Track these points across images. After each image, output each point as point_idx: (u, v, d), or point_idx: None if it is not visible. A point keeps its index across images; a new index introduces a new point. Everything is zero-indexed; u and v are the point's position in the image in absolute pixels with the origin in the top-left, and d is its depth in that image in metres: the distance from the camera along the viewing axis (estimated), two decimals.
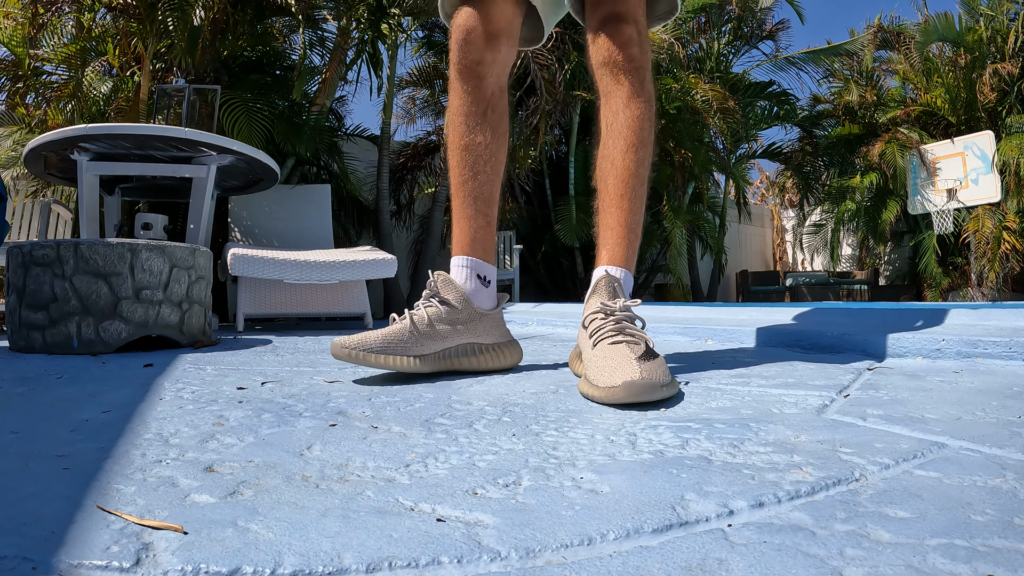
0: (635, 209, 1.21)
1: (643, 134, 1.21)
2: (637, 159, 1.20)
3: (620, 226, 1.20)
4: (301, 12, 4.52)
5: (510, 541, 0.43)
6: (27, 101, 4.83)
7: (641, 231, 1.24)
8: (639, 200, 1.22)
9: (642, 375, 0.87)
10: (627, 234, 1.20)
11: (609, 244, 1.20)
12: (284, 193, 4.25)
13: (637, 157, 1.20)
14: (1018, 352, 1.25)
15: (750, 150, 8.73)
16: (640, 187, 1.22)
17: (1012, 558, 0.39)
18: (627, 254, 1.20)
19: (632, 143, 1.20)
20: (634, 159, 1.20)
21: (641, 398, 0.86)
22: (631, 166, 1.20)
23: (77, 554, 0.41)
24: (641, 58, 1.20)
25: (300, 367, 1.37)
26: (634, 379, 0.86)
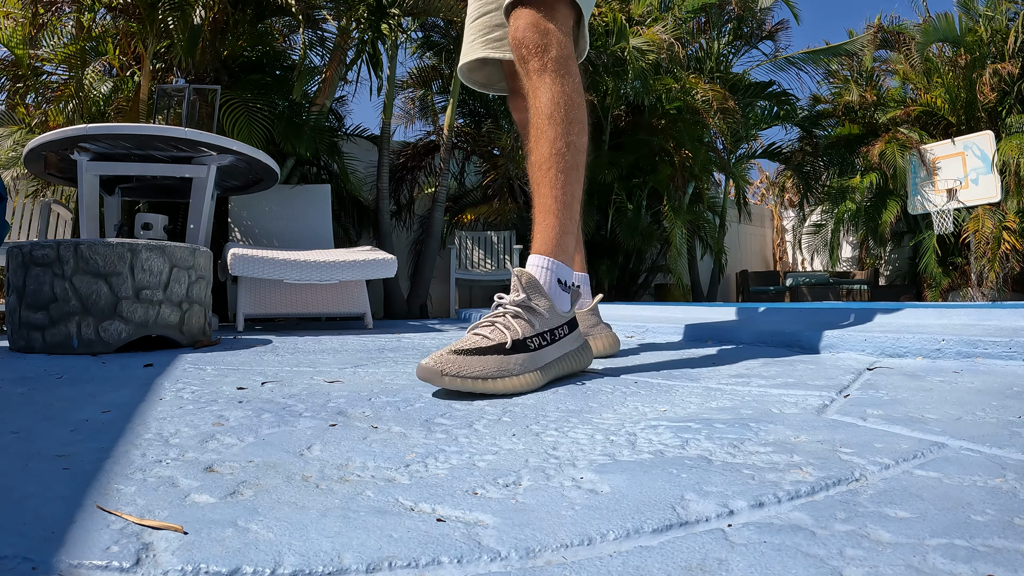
0: (551, 193, 1.19)
1: (556, 110, 1.19)
2: (547, 140, 1.19)
3: (539, 213, 1.20)
4: (301, 12, 4.52)
5: (510, 541, 0.43)
6: (27, 101, 4.83)
7: (568, 208, 1.20)
8: (555, 182, 1.19)
9: (430, 362, 0.96)
10: (545, 218, 1.19)
11: (534, 235, 1.21)
12: (284, 193, 4.26)
13: (546, 135, 1.19)
14: (1018, 352, 1.25)
15: (750, 150, 8.73)
16: (552, 168, 1.19)
17: (1012, 558, 0.39)
18: (546, 240, 1.18)
19: (540, 128, 1.20)
20: (544, 141, 1.19)
21: (424, 379, 0.96)
22: (542, 150, 1.20)
23: (77, 554, 0.41)
24: (537, 40, 1.19)
25: (300, 367, 1.37)
26: (422, 363, 0.97)
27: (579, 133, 1.21)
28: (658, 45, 5.82)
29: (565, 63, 1.20)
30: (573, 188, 1.20)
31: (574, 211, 1.21)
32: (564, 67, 1.20)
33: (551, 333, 1.10)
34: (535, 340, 1.07)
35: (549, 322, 1.11)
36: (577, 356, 1.16)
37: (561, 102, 1.19)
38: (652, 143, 6.53)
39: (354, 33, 4.93)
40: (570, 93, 1.20)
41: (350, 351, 1.78)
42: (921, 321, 1.64)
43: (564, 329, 1.13)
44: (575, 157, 1.20)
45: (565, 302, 1.18)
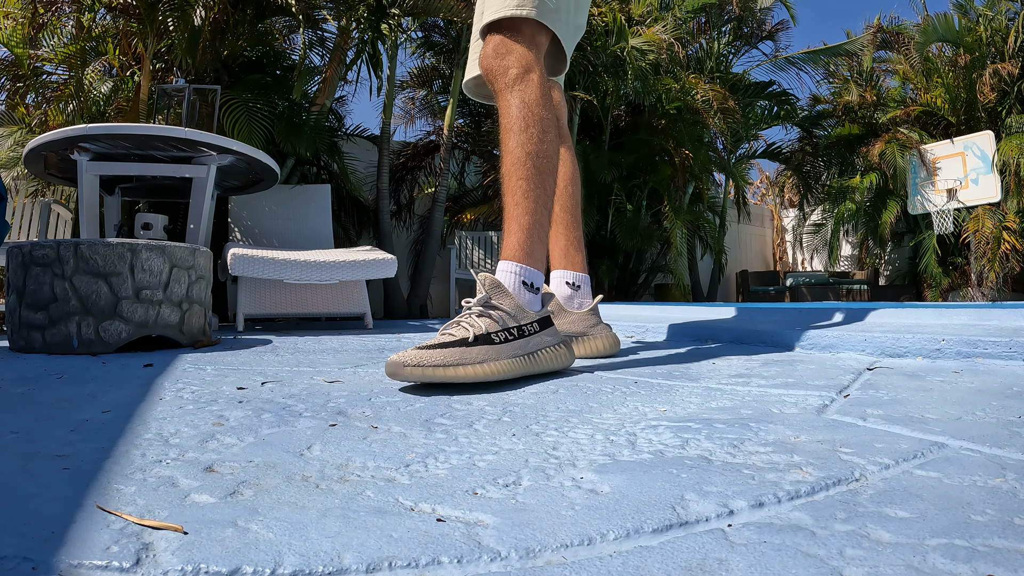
0: (513, 200, 1.23)
1: (513, 123, 1.24)
2: (508, 151, 1.25)
3: (506, 220, 1.24)
4: (301, 12, 4.52)
5: (510, 541, 0.43)
6: (27, 101, 4.83)
7: (532, 213, 1.23)
8: (516, 190, 1.23)
9: (395, 356, 1.02)
10: (510, 225, 1.23)
11: (503, 242, 1.25)
12: (284, 193, 4.26)
13: (507, 147, 1.25)
14: (1018, 352, 1.25)
15: (750, 150, 8.73)
16: (513, 177, 1.23)
17: (1012, 558, 0.39)
18: (510, 247, 1.22)
19: (504, 141, 1.26)
20: (506, 153, 1.25)
21: (390, 374, 1.02)
22: (505, 161, 1.25)
23: (77, 554, 0.41)
24: (496, 64, 1.27)
25: (300, 367, 1.37)
26: (388, 359, 1.04)
27: (539, 141, 1.24)
28: (658, 45, 5.82)
29: (523, 78, 1.26)
30: (537, 193, 1.23)
31: (539, 216, 1.23)
32: (523, 82, 1.25)
33: (518, 329, 1.14)
34: (500, 335, 1.11)
35: (515, 319, 1.14)
36: (553, 354, 1.18)
37: (519, 115, 1.24)
38: (652, 143, 6.53)
39: (354, 33, 4.93)
40: (529, 103, 1.25)
41: (350, 351, 1.78)
42: (921, 321, 1.64)
43: (534, 326, 1.16)
44: (536, 163, 1.24)
45: (534, 303, 1.21)
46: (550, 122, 1.27)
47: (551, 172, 1.27)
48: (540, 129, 1.25)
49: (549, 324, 1.20)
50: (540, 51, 1.31)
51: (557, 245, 1.63)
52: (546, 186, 1.25)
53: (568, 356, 1.22)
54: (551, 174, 1.27)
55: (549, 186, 1.26)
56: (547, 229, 1.27)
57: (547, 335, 1.19)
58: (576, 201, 1.65)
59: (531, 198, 1.22)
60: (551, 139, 1.27)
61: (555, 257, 1.64)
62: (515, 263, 1.20)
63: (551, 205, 1.27)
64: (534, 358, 1.15)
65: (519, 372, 1.12)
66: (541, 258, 1.24)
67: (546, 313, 1.21)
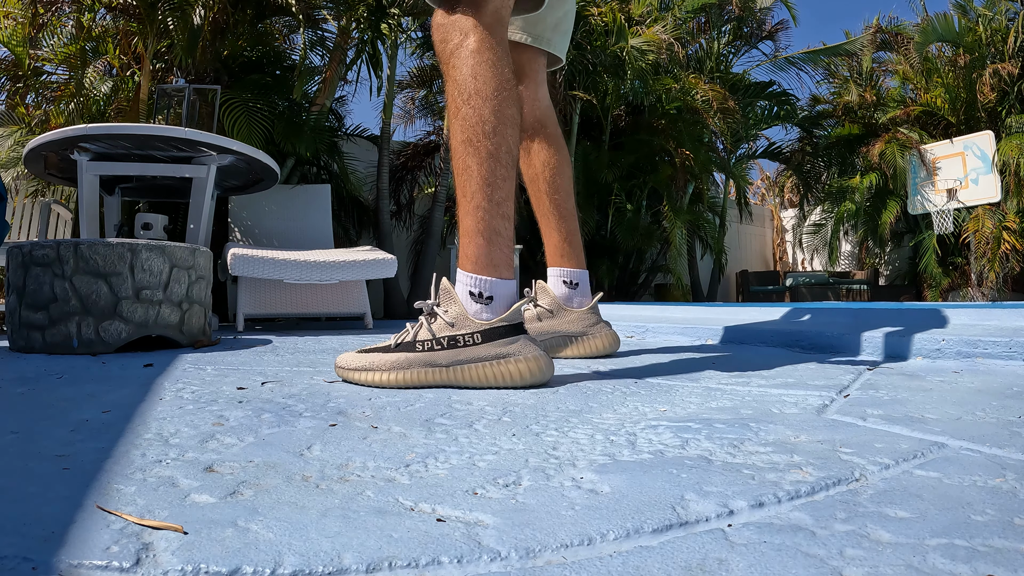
0: (459, 201, 1.11)
1: (449, 106, 1.13)
2: (452, 133, 1.13)
3: (460, 218, 1.13)
4: (301, 12, 4.52)
5: (510, 541, 0.43)
6: (27, 101, 4.83)
7: (477, 210, 1.09)
8: (458, 188, 1.11)
9: (339, 357, 1.15)
10: (459, 229, 1.13)
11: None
12: (284, 193, 4.25)
13: (452, 131, 1.13)
14: (1018, 352, 1.25)
15: (750, 150, 8.73)
16: (455, 169, 1.11)
17: (1012, 558, 0.39)
18: (461, 254, 1.12)
19: (450, 123, 1.14)
20: (453, 135, 1.13)
21: (336, 373, 1.14)
22: (453, 145, 1.13)
23: (77, 554, 0.41)
24: (441, 48, 1.14)
25: (300, 367, 1.37)
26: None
27: (476, 121, 1.09)
28: (658, 45, 5.82)
29: (457, 50, 1.11)
30: (476, 188, 1.09)
31: (485, 215, 1.10)
32: (457, 56, 1.11)
33: (450, 339, 1.08)
34: (427, 343, 1.08)
35: (453, 328, 1.08)
36: (487, 370, 1.06)
37: (454, 94, 1.12)
38: (652, 143, 6.53)
39: (354, 33, 4.93)
40: (462, 81, 1.10)
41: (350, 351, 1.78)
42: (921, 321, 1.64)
43: (474, 337, 1.07)
44: (475, 149, 1.09)
45: (482, 312, 1.10)
46: (494, 93, 1.09)
47: (498, 157, 1.09)
48: (476, 104, 1.09)
49: (498, 336, 1.07)
50: (482, 7, 1.12)
51: (550, 242, 1.57)
52: (494, 175, 1.09)
53: (510, 373, 1.06)
54: (499, 160, 1.09)
55: (499, 173, 1.10)
56: (501, 225, 1.11)
57: (490, 348, 1.07)
58: (566, 194, 1.55)
59: (469, 195, 1.10)
60: (497, 112, 1.09)
61: (549, 254, 1.58)
62: (463, 272, 1.11)
63: (503, 194, 1.11)
64: (456, 371, 1.07)
65: (429, 383, 1.07)
66: (495, 262, 1.11)
67: (498, 324, 1.08)
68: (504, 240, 1.12)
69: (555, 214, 1.57)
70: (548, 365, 1.08)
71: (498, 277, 1.11)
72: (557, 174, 1.58)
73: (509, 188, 1.12)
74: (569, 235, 1.57)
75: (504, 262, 1.12)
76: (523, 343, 1.08)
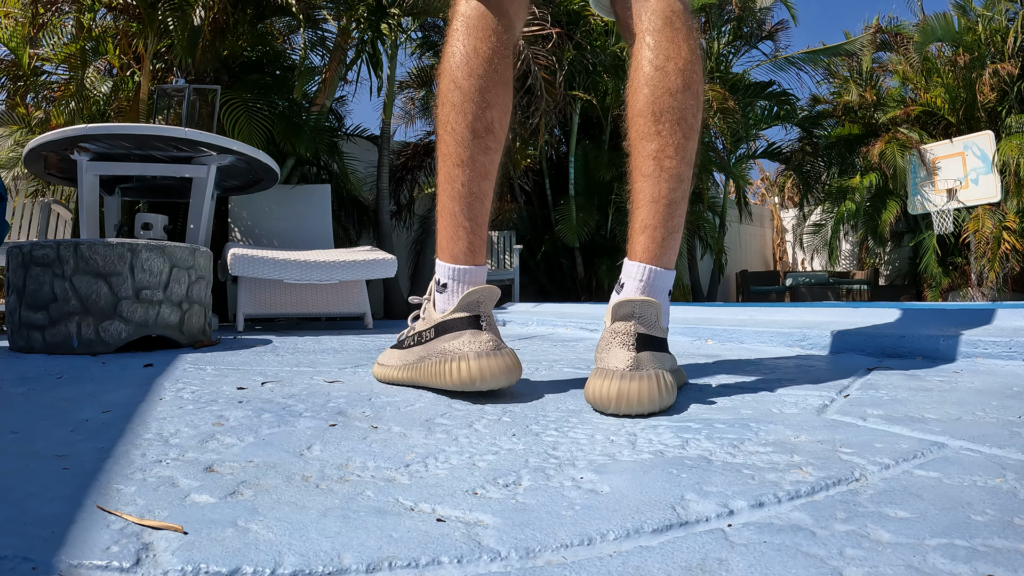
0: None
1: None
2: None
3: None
4: (301, 12, 4.52)
5: (510, 541, 0.43)
6: (27, 101, 4.83)
7: (440, 198, 1.04)
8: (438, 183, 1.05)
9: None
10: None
11: None
12: (284, 193, 4.25)
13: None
14: (1018, 352, 1.25)
15: (750, 150, 8.73)
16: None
17: (1012, 558, 0.39)
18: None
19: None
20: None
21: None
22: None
23: (77, 554, 0.41)
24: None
25: (300, 367, 1.37)
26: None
27: (441, 103, 1.01)
28: None
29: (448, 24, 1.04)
30: (442, 170, 1.02)
31: (446, 199, 1.02)
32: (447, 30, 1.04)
33: (418, 335, 1.03)
34: (408, 339, 1.06)
35: (423, 324, 1.04)
36: (436, 368, 0.95)
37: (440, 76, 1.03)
38: None
39: (354, 33, 4.93)
40: (443, 59, 1.02)
41: (350, 351, 1.78)
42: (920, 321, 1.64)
43: (429, 332, 1.00)
44: (444, 131, 1.01)
45: (439, 303, 1.03)
46: (463, 64, 0.98)
47: (443, 135, 1.01)
48: (446, 83, 1.00)
49: (452, 329, 0.96)
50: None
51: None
52: (441, 152, 1.02)
53: (449, 376, 0.92)
54: (457, 139, 1.00)
55: (441, 150, 1.02)
56: (453, 205, 1.02)
57: (437, 344, 0.97)
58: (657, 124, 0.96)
59: (438, 180, 1.04)
60: (458, 82, 0.99)
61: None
62: (438, 260, 1.05)
63: (451, 175, 1.01)
64: (418, 369, 1.00)
65: (403, 381, 1.04)
66: (446, 247, 1.03)
67: (449, 317, 0.97)
68: (456, 221, 1.02)
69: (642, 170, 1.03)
70: (496, 368, 0.91)
71: (451, 262, 1.02)
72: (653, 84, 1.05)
73: (454, 170, 1.01)
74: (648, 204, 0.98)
75: (460, 246, 1.02)
76: (467, 339, 0.93)
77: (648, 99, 0.95)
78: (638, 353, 0.84)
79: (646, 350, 0.85)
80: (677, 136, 0.94)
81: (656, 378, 0.81)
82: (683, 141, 0.95)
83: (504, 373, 0.92)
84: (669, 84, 0.94)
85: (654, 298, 0.92)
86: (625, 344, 0.85)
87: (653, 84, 0.94)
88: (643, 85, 0.95)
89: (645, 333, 0.86)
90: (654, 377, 0.81)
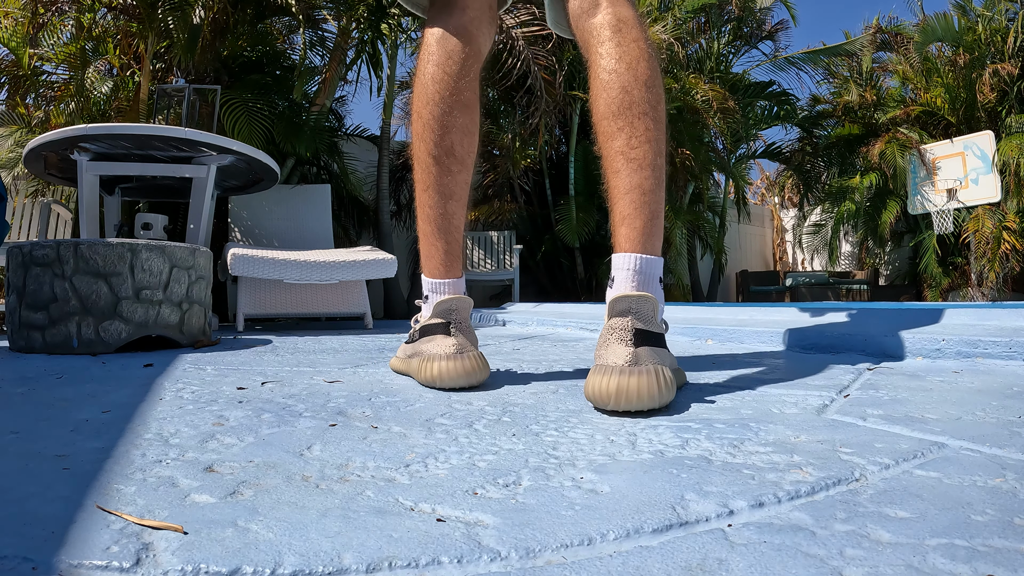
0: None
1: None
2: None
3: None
4: (301, 12, 4.52)
5: (510, 541, 0.43)
6: (27, 101, 4.84)
7: (418, 212, 1.17)
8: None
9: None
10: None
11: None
12: (284, 193, 4.25)
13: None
14: (1018, 352, 1.25)
15: (750, 150, 8.73)
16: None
17: (1012, 558, 0.39)
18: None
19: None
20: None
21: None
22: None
23: (77, 554, 0.41)
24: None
25: (300, 367, 1.37)
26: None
27: (414, 121, 1.12)
28: (658, 45, 5.82)
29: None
30: (418, 185, 1.14)
31: (422, 212, 1.15)
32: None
33: (412, 334, 1.19)
34: (409, 336, 1.20)
35: (416, 325, 1.18)
36: (419, 366, 1.07)
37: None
38: None
39: (354, 33, 4.93)
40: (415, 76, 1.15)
41: (350, 351, 1.78)
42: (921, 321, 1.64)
43: (415, 334, 1.16)
44: (415, 152, 1.13)
45: (424, 309, 1.18)
46: (422, 93, 1.11)
47: (420, 163, 1.12)
48: (413, 114, 1.13)
49: (428, 333, 1.09)
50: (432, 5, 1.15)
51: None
52: (420, 184, 1.13)
53: (424, 374, 1.04)
54: (421, 166, 1.11)
55: (417, 178, 1.13)
56: (426, 227, 1.15)
57: (418, 345, 1.11)
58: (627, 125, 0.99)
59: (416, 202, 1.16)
60: (419, 111, 1.11)
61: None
62: (422, 274, 1.21)
63: (423, 198, 1.14)
64: (408, 364, 1.15)
65: (404, 372, 1.19)
66: (426, 261, 1.16)
67: (426, 323, 1.10)
68: (429, 240, 1.15)
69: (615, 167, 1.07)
70: (455, 370, 1.00)
71: (429, 276, 1.16)
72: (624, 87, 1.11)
73: (423, 195, 1.14)
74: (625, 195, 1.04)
75: (434, 263, 1.15)
76: (437, 343, 1.05)
77: (606, 101, 1.00)
78: (636, 349, 0.83)
79: (644, 346, 0.85)
80: (639, 128, 0.98)
81: (656, 373, 0.80)
82: (646, 132, 0.98)
83: (464, 375, 1.00)
84: (623, 82, 0.99)
85: (646, 288, 0.94)
86: (623, 340, 0.85)
87: (608, 87, 1.00)
88: (600, 91, 1.01)
89: (643, 329, 0.86)
90: (653, 372, 0.80)
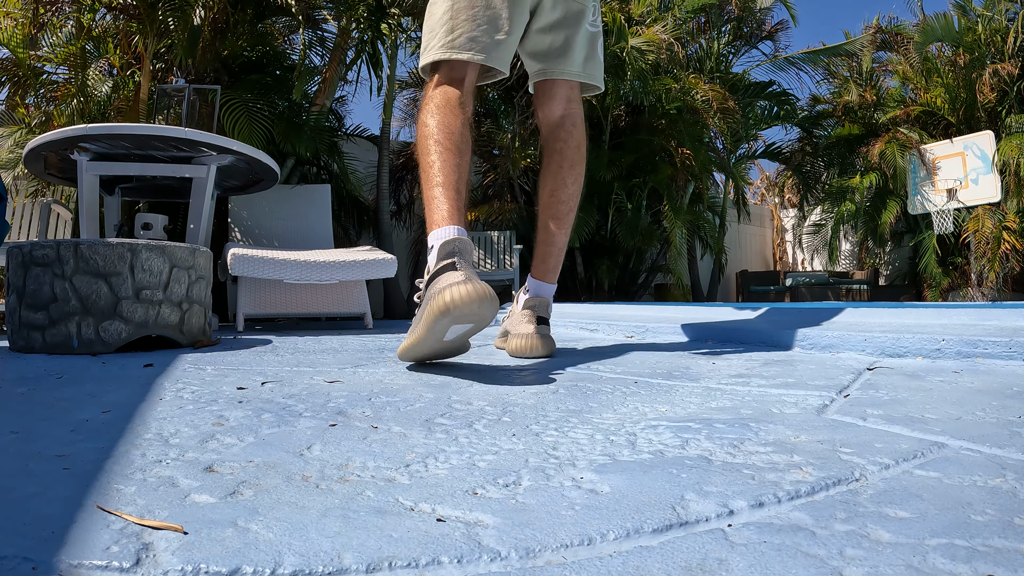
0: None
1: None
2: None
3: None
4: (301, 12, 4.52)
5: (510, 541, 0.43)
6: (27, 101, 4.83)
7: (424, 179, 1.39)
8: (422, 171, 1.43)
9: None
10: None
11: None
12: (284, 193, 4.25)
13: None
14: (1018, 352, 1.25)
15: (750, 150, 8.73)
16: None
17: (1012, 558, 0.39)
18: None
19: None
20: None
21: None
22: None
23: (77, 554, 0.41)
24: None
25: (300, 367, 1.37)
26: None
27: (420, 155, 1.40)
28: (658, 45, 5.82)
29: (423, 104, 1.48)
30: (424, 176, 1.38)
31: (424, 183, 1.36)
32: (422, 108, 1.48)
33: (419, 297, 1.29)
34: (417, 309, 1.28)
35: (423, 285, 1.29)
36: (431, 306, 1.10)
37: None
38: (652, 143, 6.53)
39: (354, 33, 4.93)
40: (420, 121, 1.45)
41: (350, 351, 1.78)
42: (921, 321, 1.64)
43: (424, 292, 1.24)
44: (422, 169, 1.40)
45: (430, 264, 1.25)
46: (430, 135, 1.38)
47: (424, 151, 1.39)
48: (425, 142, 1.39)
49: (435, 278, 1.15)
50: (435, 82, 1.47)
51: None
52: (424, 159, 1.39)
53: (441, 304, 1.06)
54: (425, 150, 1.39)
55: (424, 160, 1.39)
56: (436, 191, 1.32)
57: (431, 289, 1.13)
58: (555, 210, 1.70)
59: (421, 180, 1.40)
60: (431, 149, 1.38)
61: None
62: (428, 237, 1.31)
63: (434, 170, 1.35)
64: (422, 319, 1.13)
65: (419, 339, 1.17)
66: (432, 216, 1.31)
67: (435, 270, 1.17)
68: (438, 200, 1.30)
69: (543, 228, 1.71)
70: (467, 293, 1.04)
71: (434, 227, 1.27)
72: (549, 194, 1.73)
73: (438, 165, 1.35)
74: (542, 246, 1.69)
75: (440, 214, 1.27)
76: (446, 277, 1.11)
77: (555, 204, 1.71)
78: (538, 325, 1.53)
79: (541, 324, 1.54)
80: (569, 217, 1.71)
81: (549, 338, 1.51)
82: (569, 214, 1.72)
83: (476, 299, 1.04)
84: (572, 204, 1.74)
85: (543, 295, 1.61)
86: (531, 320, 1.54)
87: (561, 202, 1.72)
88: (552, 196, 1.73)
89: (540, 315, 1.56)
90: (547, 337, 1.50)
